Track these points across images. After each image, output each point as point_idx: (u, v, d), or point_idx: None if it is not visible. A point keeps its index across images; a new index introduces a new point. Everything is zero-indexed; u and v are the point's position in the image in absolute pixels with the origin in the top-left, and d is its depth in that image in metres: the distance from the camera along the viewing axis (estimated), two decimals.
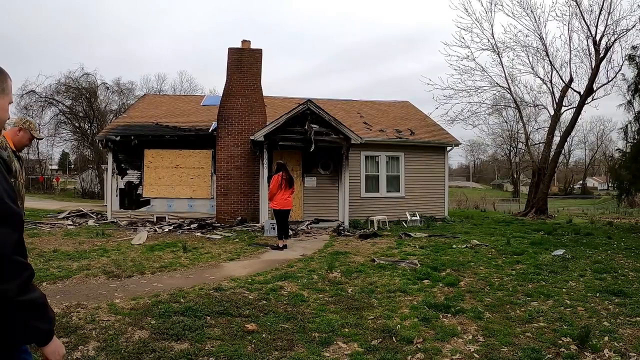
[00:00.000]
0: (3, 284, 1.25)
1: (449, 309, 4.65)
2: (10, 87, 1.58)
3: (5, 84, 1.54)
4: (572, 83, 19.90)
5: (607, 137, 56.24)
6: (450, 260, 7.44)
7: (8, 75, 1.58)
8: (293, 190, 9.24)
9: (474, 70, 22.57)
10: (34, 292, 1.33)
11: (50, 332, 1.38)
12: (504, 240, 9.81)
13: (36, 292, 1.34)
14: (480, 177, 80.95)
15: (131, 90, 38.13)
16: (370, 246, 9.21)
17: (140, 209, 13.66)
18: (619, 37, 17.66)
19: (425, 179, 15.65)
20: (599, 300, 5.11)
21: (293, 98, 17.04)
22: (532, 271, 6.60)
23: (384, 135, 15.08)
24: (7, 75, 1.57)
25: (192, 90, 46.07)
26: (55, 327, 1.46)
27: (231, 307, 4.58)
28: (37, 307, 1.33)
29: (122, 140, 13.35)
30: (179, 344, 3.60)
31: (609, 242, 10.30)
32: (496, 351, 3.57)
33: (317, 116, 11.97)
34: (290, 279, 6.00)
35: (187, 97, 20.50)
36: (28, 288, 1.30)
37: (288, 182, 9.00)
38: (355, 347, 3.65)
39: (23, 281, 1.29)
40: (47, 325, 1.37)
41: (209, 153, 13.73)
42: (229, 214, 12.94)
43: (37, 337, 1.36)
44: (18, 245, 1.32)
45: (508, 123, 41.15)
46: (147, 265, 6.81)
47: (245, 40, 13.73)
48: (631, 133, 14.61)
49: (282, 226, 9.05)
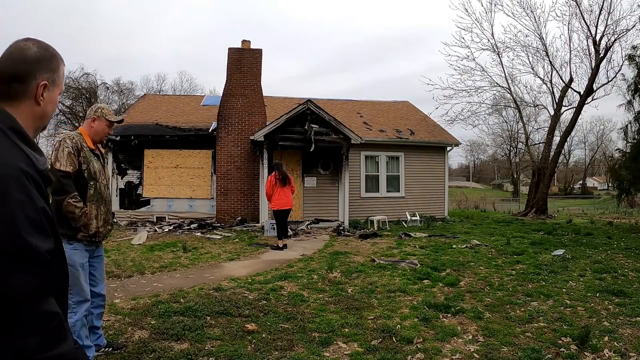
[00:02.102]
0: (21, 339, 0.99)
1: (449, 309, 4.65)
2: (62, 75, 1.30)
3: (57, 74, 1.26)
4: (572, 83, 19.92)
5: (607, 137, 56.27)
6: (450, 260, 7.44)
7: (62, 60, 1.29)
8: (292, 189, 9.02)
9: (474, 70, 22.67)
10: (62, 344, 1.06)
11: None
12: (504, 240, 9.81)
13: (65, 344, 1.07)
14: (480, 177, 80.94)
15: (131, 90, 38.15)
16: (370, 246, 9.21)
17: (140, 209, 13.67)
18: (619, 37, 17.68)
19: (425, 179, 15.65)
20: (599, 300, 5.11)
21: (293, 98, 17.05)
22: (532, 271, 6.60)
23: (384, 135, 15.08)
24: (61, 60, 1.28)
25: (192, 90, 46.11)
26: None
27: (231, 307, 4.58)
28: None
29: (122, 140, 13.35)
30: (179, 344, 3.60)
31: (609, 242, 10.30)
32: (496, 351, 3.57)
33: (317, 116, 11.97)
34: (290, 279, 6.00)
35: (187, 97, 20.50)
36: (54, 341, 1.05)
37: (282, 181, 8.81)
38: (355, 347, 3.65)
39: (48, 335, 1.04)
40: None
41: (209, 153, 13.74)
42: (229, 214, 12.95)
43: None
44: (41, 291, 1.04)
45: (508, 123, 41.27)
46: (147, 265, 6.81)
47: (245, 40, 13.75)
48: (631, 133, 14.60)
49: (281, 226, 8.96)
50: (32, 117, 1.21)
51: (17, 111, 1.17)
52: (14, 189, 1.03)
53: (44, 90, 1.20)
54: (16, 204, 1.02)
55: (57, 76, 1.25)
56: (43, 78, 1.20)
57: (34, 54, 1.19)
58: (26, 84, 1.18)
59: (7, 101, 1.16)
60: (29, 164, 1.10)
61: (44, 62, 1.21)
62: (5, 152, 1.07)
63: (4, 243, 0.99)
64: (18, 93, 1.17)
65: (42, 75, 1.20)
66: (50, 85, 1.22)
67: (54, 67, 1.24)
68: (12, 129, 1.12)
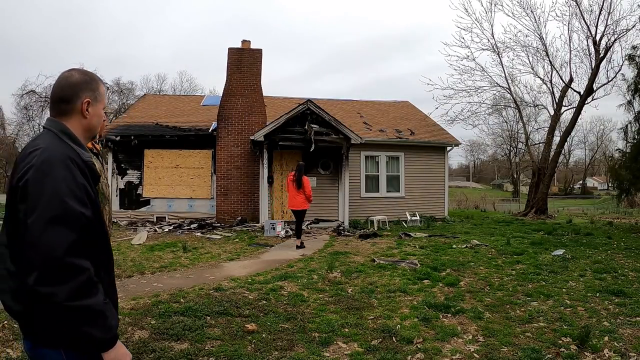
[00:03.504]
0: (52, 287, 1.21)
1: (449, 309, 4.64)
2: (103, 93, 1.59)
3: (98, 92, 1.56)
4: (572, 83, 19.92)
5: (607, 137, 56.24)
6: (450, 260, 7.44)
7: (101, 81, 1.59)
8: (307, 195, 9.20)
9: (474, 70, 22.63)
10: (91, 297, 1.27)
11: (106, 340, 1.31)
12: (504, 240, 9.80)
13: (94, 298, 1.28)
14: (480, 177, 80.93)
15: (131, 90, 38.20)
16: (370, 246, 9.20)
17: (140, 209, 13.66)
18: (619, 37, 17.67)
19: (425, 179, 15.65)
20: (599, 300, 5.11)
21: (293, 98, 17.04)
22: (532, 271, 6.59)
23: (384, 135, 15.08)
24: (100, 81, 1.58)
25: (192, 90, 46.11)
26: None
27: (231, 307, 4.58)
28: (91, 314, 1.27)
29: (122, 140, 13.35)
30: (179, 344, 3.60)
31: (609, 242, 10.30)
32: (496, 351, 3.57)
33: (317, 116, 11.97)
34: (290, 279, 5.99)
35: (187, 97, 20.51)
36: (83, 293, 1.25)
37: (295, 183, 9.13)
38: (355, 347, 3.65)
39: (77, 285, 1.24)
40: (103, 333, 1.30)
41: (209, 153, 13.73)
42: (229, 214, 12.94)
43: (90, 344, 1.30)
44: (75, 247, 1.26)
45: (508, 123, 41.28)
46: (147, 265, 6.81)
47: (245, 40, 13.74)
48: (631, 133, 14.60)
49: (296, 225, 9.43)
50: (81, 128, 1.53)
51: (69, 123, 1.49)
52: (59, 166, 1.32)
53: (88, 106, 1.52)
54: (60, 177, 1.30)
55: (97, 94, 1.56)
56: (86, 97, 1.52)
57: (75, 80, 1.52)
58: (72, 103, 1.50)
59: (61, 117, 1.50)
60: (75, 154, 1.40)
61: (85, 84, 1.52)
62: (55, 145, 1.39)
63: (48, 203, 1.26)
64: (67, 110, 1.50)
65: (85, 94, 1.51)
66: (92, 102, 1.53)
67: (94, 87, 1.55)
68: (61, 132, 1.45)
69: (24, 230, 1.26)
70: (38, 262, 1.22)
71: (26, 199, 1.28)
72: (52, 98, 1.52)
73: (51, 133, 1.45)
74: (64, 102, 1.49)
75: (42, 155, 1.33)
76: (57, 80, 1.53)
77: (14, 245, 1.34)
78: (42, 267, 1.21)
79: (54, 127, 1.46)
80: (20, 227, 1.29)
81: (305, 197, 9.13)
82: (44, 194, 1.27)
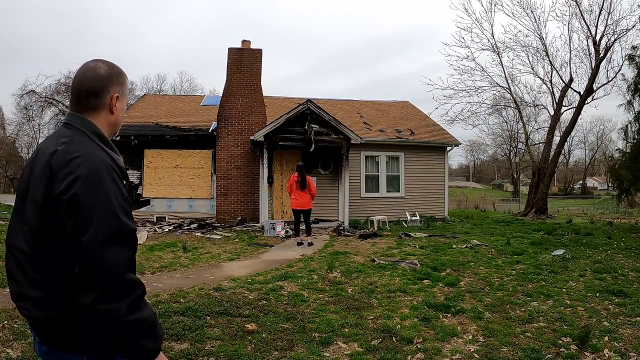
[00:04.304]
0: (113, 303, 1.20)
1: (449, 309, 4.64)
2: (127, 88, 1.52)
3: (125, 86, 1.48)
4: (572, 83, 19.93)
5: (607, 137, 56.25)
6: (450, 260, 7.44)
7: (126, 75, 1.50)
8: (312, 194, 9.40)
9: (474, 70, 22.66)
10: (144, 310, 1.27)
11: (157, 350, 1.32)
12: (504, 240, 9.80)
13: (146, 310, 1.28)
14: (480, 177, 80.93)
15: (131, 90, 38.11)
16: (370, 246, 9.20)
17: (140, 209, 13.66)
18: (619, 37, 17.69)
19: (425, 179, 15.65)
20: (599, 300, 5.11)
21: (293, 98, 17.04)
22: (532, 271, 6.59)
23: (384, 135, 15.08)
24: (126, 75, 1.50)
25: (192, 90, 46.15)
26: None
27: (231, 307, 4.58)
28: (146, 326, 1.27)
29: (122, 140, 13.34)
30: (179, 344, 3.60)
31: (609, 242, 10.30)
32: (496, 351, 3.57)
33: (317, 116, 11.97)
34: (290, 279, 5.99)
35: (187, 97, 20.51)
36: (138, 306, 1.25)
37: (299, 184, 9.17)
38: (355, 347, 3.65)
39: (134, 300, 1.24)
40: (154, 343, 1.30)
41: (209, 153, 13.74)
42: (229, 214, 12.95)
43: (143, 356, 1.29)
44: (131, 263, 1.27)
45: (508, 123, 41.28)
46: (147, 265, 6.81)
47: (245, 40, 13.74)
48: (631, 133, 14.60)
49: (297, 224, 9.56)
50: (107, 125, 1.44)
51: (96, 120, 1.39)
52: (107, 178, 1.26)
53: (117, 101, 1.43)
54: (110, 190, 1.25)
55: (125, 88, 1.47)
56: (115, 91, 1.42)
57: (105, 72, 1.41)
58: (102, 97, 1.39)
59: (88, 112, 1.39)
60: (112, 161, 1.33)
61: (114, 77, 1.43)
62: (95, 151, 1.30)
63: (104, 219, 1.21)
64: (97, 105, 1.39)
65: (114, 88, 1.42)
66: (120, 97, 1.44)
67: (122, 81, 1.46)
68: (94, 133, 1.36)
69: (78, 247, 1.20)
70: (99, 281, 1.19)
71: (76, 214, 1.21)
72: (78, 91, 1.39)
73: (83, 135, 1.34)
74: (93, 96, 1.38)
75: (86, 165, 1.24)
76: (81, 71, 1.41)
77: (41, 254, 1.29)
78: (104, 286, 1.19)
79: (84, 127, 1.36)
80: (64, 242, 1.23)
81: (311, 197, 9.24)
82: (98, 209, 1.21)
